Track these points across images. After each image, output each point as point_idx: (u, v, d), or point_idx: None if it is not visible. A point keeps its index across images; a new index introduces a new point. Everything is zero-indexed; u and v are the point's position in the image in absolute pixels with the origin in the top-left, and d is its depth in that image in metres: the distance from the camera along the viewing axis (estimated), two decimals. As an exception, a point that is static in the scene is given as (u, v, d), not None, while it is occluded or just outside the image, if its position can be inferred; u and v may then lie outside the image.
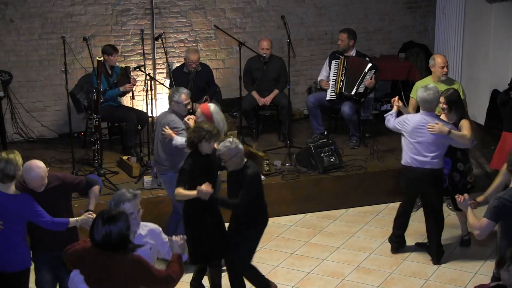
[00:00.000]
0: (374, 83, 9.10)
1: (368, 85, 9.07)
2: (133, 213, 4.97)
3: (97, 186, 5.96)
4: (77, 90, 9.04)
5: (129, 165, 8.47)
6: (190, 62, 9.14)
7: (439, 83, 7.90)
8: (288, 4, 10.53)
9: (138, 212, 5.06)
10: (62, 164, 8.75)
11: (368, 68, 9.07)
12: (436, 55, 8.08)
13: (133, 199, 5.01)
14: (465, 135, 7.04)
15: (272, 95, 9.54)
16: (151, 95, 8.95)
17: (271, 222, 7.96)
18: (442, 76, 7.91)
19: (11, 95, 9.41)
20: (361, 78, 9.09)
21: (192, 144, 6.18)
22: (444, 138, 6.98)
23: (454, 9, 10.23)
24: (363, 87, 9.10)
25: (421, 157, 7.06)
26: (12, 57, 9.50)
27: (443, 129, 6.92)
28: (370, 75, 9.08)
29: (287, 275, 7.12)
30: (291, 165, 8.73)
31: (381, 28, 11.13)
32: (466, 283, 6.93)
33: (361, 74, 9.10)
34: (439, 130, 6.92)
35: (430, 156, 7.04)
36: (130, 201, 4.98)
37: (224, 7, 10.28)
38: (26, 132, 9.62)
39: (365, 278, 6.99)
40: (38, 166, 5.54)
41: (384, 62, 10.60)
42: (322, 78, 9.46)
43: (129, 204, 4.97)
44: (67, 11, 9.59)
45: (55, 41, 9.48)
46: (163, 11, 10.00)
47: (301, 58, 10.67)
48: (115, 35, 9.84)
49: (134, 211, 5.00)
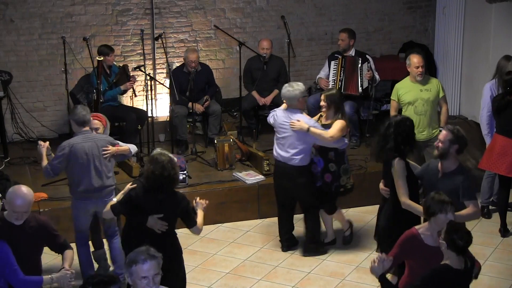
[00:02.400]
0: (371, 73, 9.15)
1: (368, 78, 9.14)
2: (146, 278, 4.21)
3: (71, 251, 5.49)
4: (77, 90, 9.03)
5: (129, 165, 8.46)
6: (190, 62, 9.15)
7: (416, 83, 7.95)
8: (288, 4, 10.53)
9: (154, 277, 4.23)
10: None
11: (359, 63, 9.11)
12: (412, 55, 8.07)
13: (149, 260, 4.22)
14: (324, 134, 7.05)
15: (272, 95, 9.54)
16: (151, 95, 8.95)
17: (271, 222, 7.99)
18: (417, 76, 7.93)
19: (11, 95, 9.41)
20: (359, 75, 9.12)
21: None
22: (305, 135, 7.04)
23: (454, 9, 10.22)
24: (366, 83, 9.15)
25: (285, 153, 7.19)
26: (12, 57, 9.50)
27: (303, 126, 7.00)
28: (366, 68, 9.12)
29: (287, 275, 7.12)
30: (291, 165, 8.73)
31: (381, 28, 11.13)
32: (466, 283, 6.92)
33: (358, 72, 9.13)
34: (299, 127, 7.01)
35: (292, 153, 7.15)
36: (144, 263, 4.22)
37: (224, 7, 10.28)
38: (26, 132, 9.62)
39: (365, 278, 6.98)
40: (25, 194, 5.17)
41: (384, 62, 10.60)
42: (321, 76, 9.47)
43: (143, 266, 4.21)
44: (67, 11, 9.59)
45: (55, 41, 9.48)
46: (163, 11, 10.00)
47: (301, 58, 10.67)
48: (115, 35, 9.84)
49: (148, 275, 4.21)
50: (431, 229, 5.03)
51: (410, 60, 7.96)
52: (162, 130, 9.67)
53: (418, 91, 7.93)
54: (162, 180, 5.48)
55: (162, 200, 5.55)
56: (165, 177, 5.47)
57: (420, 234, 5.06)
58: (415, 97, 7.90)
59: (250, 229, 8.08)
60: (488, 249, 7.51)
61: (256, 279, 7.03)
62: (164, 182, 5.50)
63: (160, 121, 9.66)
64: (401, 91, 8.03)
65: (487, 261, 7.27)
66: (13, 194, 5.19)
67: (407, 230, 5.14)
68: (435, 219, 5.00)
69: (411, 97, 7.92)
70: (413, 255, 5.10)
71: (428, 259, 4.88)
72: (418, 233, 5.06)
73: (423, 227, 5.12)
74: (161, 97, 9.95)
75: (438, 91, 8.01)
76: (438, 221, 4.97)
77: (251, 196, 8.29)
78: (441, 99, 8.08)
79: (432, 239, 4.99)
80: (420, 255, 5.02)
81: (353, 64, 9.16)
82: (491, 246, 7.56)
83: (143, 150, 8.87)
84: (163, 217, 5.53)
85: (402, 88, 8.04)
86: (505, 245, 7.66)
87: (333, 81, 9.28)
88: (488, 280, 6.97)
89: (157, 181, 5.48)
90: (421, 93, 7.93)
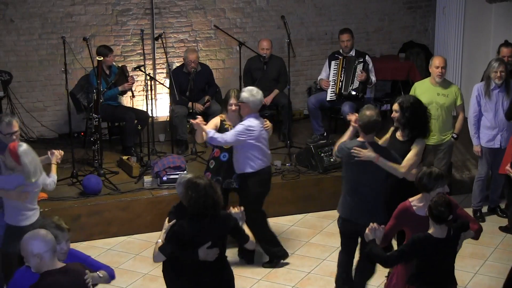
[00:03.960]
0: (365, 75, 9.09)
1: (360, 80, 9.07)
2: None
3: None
4: (77, 90, 9.04)
5: (129, 165, 8.47)
6: (189, 62, 9.15)
7: (435, 86, 7.89)
8: (288, 4, 10.54)
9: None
10: (62, 164, 8.72)
11: (357, 63, 9.10)
12: (435, 56, 8.05)
13: None
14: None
15: (272, 95, 9.54)
16: (151, 95, 8.95)
17: (271, 222, 7.97)
18: (436, 77, 7.86)
19: (11, 95, 9.41)
20: (352, 74, 9.13)
21: None
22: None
23: (454, 9, 10.24)
24: (357, 83, 9.13)
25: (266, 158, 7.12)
26: (12, 57, 9.50)
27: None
28: (360, 68, 9.09)
29: (287, 275, 7.12)
30: (291, 165, 8.73)
31: (381, 28, 11.14)
32: (466, 283, 6.93)
33: (352, 71, 9.14)
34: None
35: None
36: None
37: (224, 7, 10.28)
38: (26, 132, 9.61)
39: None
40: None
41: (384, 62, 10.61)
42: (322, 77, 9.47)
43: None
44: (67, 11, 9.59)
45: (55, 41, 9.48)
46: (163, 11, 10.00)
47: (301, 58, 10.68)
48: (115, 35, 9.84)
49: None
50: (424, 200, 5.32)
51: (432, 61, 7.90)
52: (162, 130, 9.67)
53: (435, 94, 7.84)
54: (207, 206, 5.16)
55: (208, 225, 5.22)
56: (209, 203, 5.17)
57: (413, 206, 5.41)
58: (430, 99, 7.74)
59: (250, 229, 8.07)
60: (488, 249, 7.51)
61: (256, 279, 7.03)
62: (209, 207, 5.18)
63: (160, 121, 9.66)
64: (418, 90, 7.93)
65: (487, 261, 7.27)
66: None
67: (401, 203, 5.49)
68: (431, 193, 5.29)
69: (426, 99, 7.73)
70: (407, 225, 5.44)
71: (420, 229, 5.14)
72: (410, 205, 5.41)
73: (416, 199, 5.44)
74: (161, 97, 9.95)
75: (456, 98, 7.90)
76: (431, 194, 5.26)
77: (251, 196, 8.29)
78: (458, 107, 7.98)
79: (424, 210, 5.26)
80: (413, 225, 5.34)
81: (350, 62, 9.17)
82: (491, 246, 7.56)
83: (142, 150, 8.87)
84: (212, 243, 5.20)
85: (420, 88, 7.96)
86: (505, 245, 7.66)
87: (334, 81, 9.29)
88: (488, 280, 6.98)
89: (202, 208, 5.16)
90: (437, 97, 7.83)
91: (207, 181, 5.23)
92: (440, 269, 5.07)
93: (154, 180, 8.13)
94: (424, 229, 5.07)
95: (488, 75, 7.80)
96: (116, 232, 7.88)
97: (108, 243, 7.74)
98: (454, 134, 8.02)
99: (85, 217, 7.76)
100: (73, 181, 8.19)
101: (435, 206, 4.94)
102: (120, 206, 7.88)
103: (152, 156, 8.77)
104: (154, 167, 8.16)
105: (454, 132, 8.01)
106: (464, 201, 8.51)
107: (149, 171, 8.37)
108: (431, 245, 4.98)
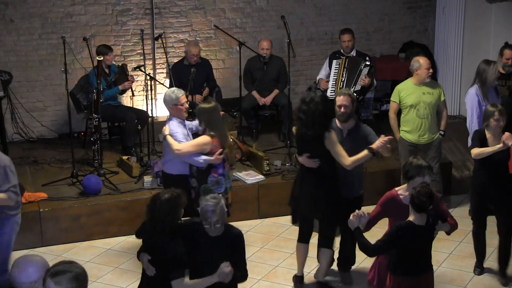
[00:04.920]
0: (369, 80, 9.04)
1: (363, 84, 8.99)
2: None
3: None
4: (77, 90, 9.04)
5: (129, 165, 8.47)
6: (192, 56, 9.16)
7: (419, 85, 7.89)
8: (288, 4, 10.54)
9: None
10: (62, 164, 8.76)
11: (363, 65, 9.04)
12: (419, 57, 7.97)
13: None
14: (173, 145, 6.59)
15: (272, 95, 9.54)
16: (151, 95, 8.96)
17: (271, 222, 8.00)
18: (427, 78, 7.87)
19: (11, 95, 9.41)
20: (357, 76, 9.09)
21: None
22: (167, 144, 6.73)
23: (454, 9, 10.24)
24: (359, 86, 9.08)
25: None
26: (12, 57, 9.50)
27: (164, 132, 6.79)
28: (365, 73, 9.05)
29: (287, 275, 7.12)
30: (291, 165, 8.72)
31: (381, 28, 11.14)
32: (466, 283, 6.93)
33: (356, 72, 9.10)
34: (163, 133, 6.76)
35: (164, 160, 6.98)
36: None
37: (224, 7, 10.29)
38: (26, 132, 9.62)
39: (365, 278, 6.97)
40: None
41: (384, 62, 10.61)
42: (321, 77, 9.45)
43: None
44: (67, 11, 9.59)
45: (55, 41, 9.48)
46: (163, 11, 10.00)
47: (301, 58, 10.68)
48: (115, 35, 9.84)
49: None
50: (409, 189, 5.42)
51: (420, 63, 7.84)
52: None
53: (420, 94, 7.87)
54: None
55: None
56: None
57: (399, 194, 5.59)
58: (417, 100, 7.83)
59: (250, 229, 8.07)
60: (488, 249, 7.50)
61: (256, 279, 7.03)
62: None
63: (160, 121, 9.64)
64: (403, 93, 7.95)
65: (487, 261, 7.26)
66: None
67: (388, 192, 5.67)
68: (413, 182, 5.45)
69: (413, 100, 7.84)
70: (392, 214, 5.60)
71: (403, 218, 5.29)
72: (397, 194, 5.61)
73: (402, 188, 5.62)
74: (161, 97, 9.94)
75: (440, 95, 7.97)
76: (415, 184, 5.37)
77: (251, 196, 8.30)
78: (442, 103, 8.03)
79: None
80: (398, 213, 5.47)
81: (356, 63, 9.04)
82: (491, 246, 7.54)
83: (142, 150, 8.87)
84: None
85: (404, 90, 7.96)
86: (505, 245, 7.66)
87: (334, 81, 9.27)
88: (488, 280, 6.98)
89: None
90: (424, 96, 7.87)
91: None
92: (419, 254, 5.27)
93: (154, 180, 8.13)
94: (407, 218, 5.25)
95: (485, 79, 7.76)
96: (116, 232, 7.88)
97: (108, 243, 7.74)
98: (441, 131, 8.06)
99: (85, 217, 7.76)
100: (73, 181, 8.19)
101: (418, 195, 5.11)
102: (120, 206, 7.88)
103: (152, 156, 8.78)
104: (154, 167, 8.16)
105: (441, 129, 8.03)
106: (464, 201, 8.51)
107: (149, 171, 8.37)
108: (412, 231, 5.17)
